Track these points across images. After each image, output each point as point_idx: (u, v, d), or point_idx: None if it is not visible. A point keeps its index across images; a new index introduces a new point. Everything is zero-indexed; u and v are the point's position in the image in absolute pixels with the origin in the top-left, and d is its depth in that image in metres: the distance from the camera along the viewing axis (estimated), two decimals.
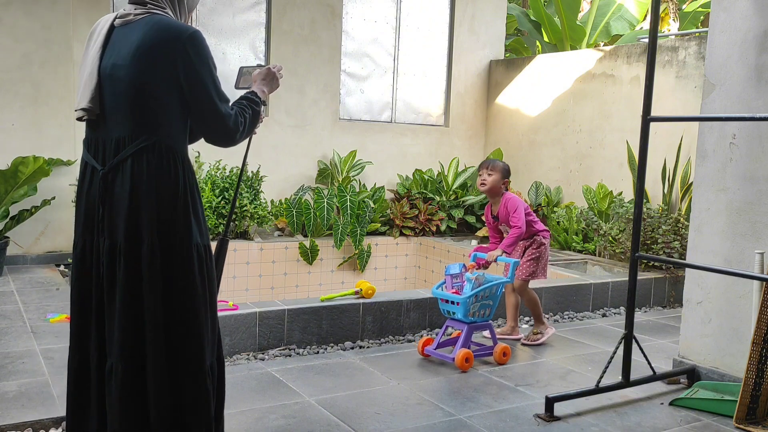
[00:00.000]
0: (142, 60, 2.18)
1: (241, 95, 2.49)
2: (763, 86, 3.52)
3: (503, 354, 4.08)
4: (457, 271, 4.14)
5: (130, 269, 2.20)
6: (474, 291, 3.98)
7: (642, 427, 3.23)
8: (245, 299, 6.29)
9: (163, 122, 2.22)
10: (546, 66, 8.29)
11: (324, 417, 3.17)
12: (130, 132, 2.21)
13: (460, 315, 3.99)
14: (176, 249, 2.23)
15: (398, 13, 8.44)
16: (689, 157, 6.41)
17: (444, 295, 4.07)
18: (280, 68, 2.62)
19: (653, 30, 3.45)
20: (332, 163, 7.83)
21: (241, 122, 2.34)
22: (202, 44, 2.23)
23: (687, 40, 6.79)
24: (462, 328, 4.02)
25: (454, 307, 4.01)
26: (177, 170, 2.25)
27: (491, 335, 4.18)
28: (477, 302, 4.01)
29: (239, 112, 2.36)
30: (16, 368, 3.55)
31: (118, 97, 2.21)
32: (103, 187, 2.23)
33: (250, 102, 2.46)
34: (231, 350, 4.03)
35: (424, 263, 7.73)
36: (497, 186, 4.37)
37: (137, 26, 2.24)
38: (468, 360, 3.91)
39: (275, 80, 2.60)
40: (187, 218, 2.26)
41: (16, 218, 5.93)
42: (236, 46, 7.41)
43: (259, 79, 2.58)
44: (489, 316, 4.13)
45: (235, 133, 2.32)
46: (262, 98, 2.52)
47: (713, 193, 3.75)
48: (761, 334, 3.27)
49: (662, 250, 5.91)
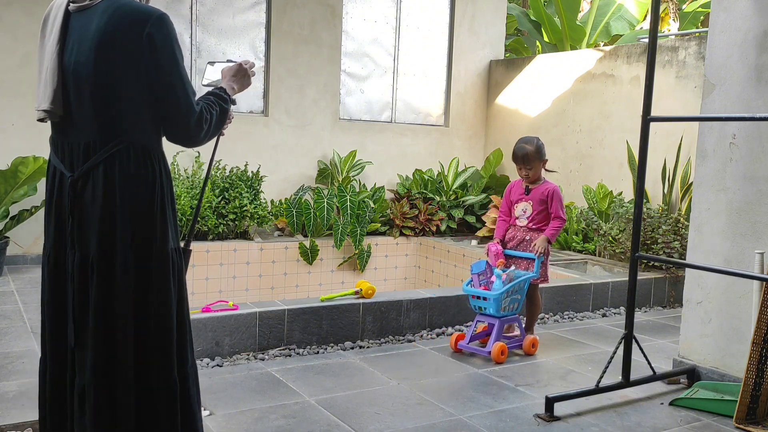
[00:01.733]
0: (105, 55, 2.00)
1: (208, 91, 2.30)
2: (763, 86, 3.52)
3: (532, 345, 4.27)
4: (482, 269, 4.28)
5: (103, 284, 2.05)
6: (506, 287, 4.13)
7: (642, 427, 3.23)
8: (245, 299, 6.29)
9: (135, 122, 2.06)
10: (546, 66, 8.29)
11: (324, 417, 3.17)
12: (99, 136, 2.04)
13: (493, 310, 4.14)
14: (153, 258, 2.09)
15: (398, 13, 8.44)
16: (689, 157, 6.41)
17: (476, 292, 4.18)
18: (252, 65, 2.43)
19: (653, 30, 3.45)
20: (332, 163, 7.83)
21: (207, 120, 2.15)
22: (169, 30, 2.04)
23: (687, 40, 6.79)
24: (493, 323, 4.17)
25: (485, 303, 4.16)
26: (154, 174, 2.10)
27: (520, 328, 4.35)
28: (508, 297, 4.17)
29: (206, 109, 2.17)
30: (16, 368, 3.55)
31: (84, 98, 2.04)
32: (73, 195, 2.06)
33: (218, 99, 2.26)
34: (231, 350, 4.03)
35: (424, 263, 7.73)
36: (539, 172, 4.39)
37: (95, 12, 2.04)
38: (503, 353, 4.08)
39: (246, 78, 2.41)
40: (164, 224, 2.12)
41: (16, 218, 5.93)
42: (236, 46, 7.41)
43: (229, 76, 2.38)
44: (517, 310, 4.28)
45: (199, 132, 2.13)
46: (232, 96, 2.33)
47: (713, 193, 3.75)
48: (761, 334, 3.27)
49: (662, 250, 5.90)
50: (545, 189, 4.36)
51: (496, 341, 4.12)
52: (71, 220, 2.08)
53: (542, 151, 4.35)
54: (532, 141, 4.35)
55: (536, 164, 4.33)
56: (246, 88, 2.44)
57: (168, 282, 2.13)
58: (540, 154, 4.33)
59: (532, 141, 4.34)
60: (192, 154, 7.02)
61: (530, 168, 4.33)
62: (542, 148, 4.36)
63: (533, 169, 4.33)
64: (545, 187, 4.38)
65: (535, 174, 4.36)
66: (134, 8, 2.03)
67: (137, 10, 2.03)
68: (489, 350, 4.10)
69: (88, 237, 2.06)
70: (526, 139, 4.38)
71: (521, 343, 4.30)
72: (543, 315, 5.25)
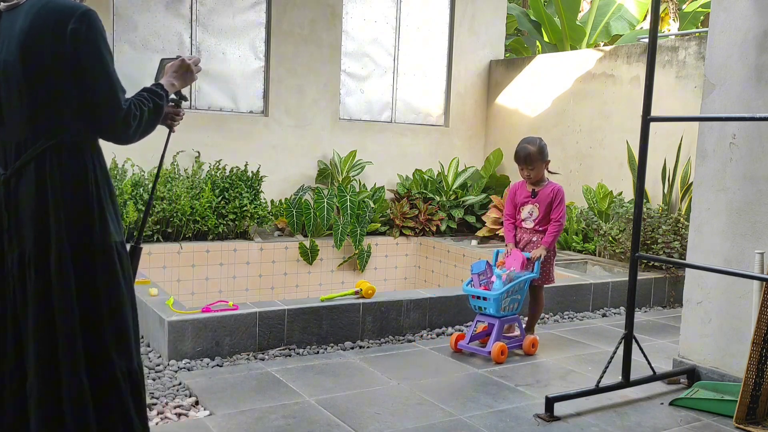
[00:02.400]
0: (31, 53, 1.99)
1: (143, 87, 2.25)
2: (763, 86, 3.52)
3: (532, 345, 4.28)
4: (482, 269, 4.28)
5: (41, 279, 2.05)
6: (506, 287, 4.13)
7: (642, 427, 3.23)
8: (245, 299, 6.28)
9: (65, 119, 2.05)
10: (546, 66, 8.29)
11: (324, 417, 3.17)
12: (30, 134, 2.05)
13: (493, 310, 4.14)
14: (95, 252, 2.09)
15: (398, 13, 8.44)
16: (689, 157, 6.41)
17: (476, 292, 4.19)
18: (196, 61, 2.40)
19: (653, 30, 3.45)
20: (332, 163, 7.83)
21: (136, 117, 2.10)
22: (95, 25, 2.02)
23: (687, 40, 6.79)
24: (493, 323, 4.18)
25: (485, 303, 4.16)
26: (86, 168, 2.09)
27: (519, 328, 4.36)
28: (508, 297, 4.17)
29: (135, 105, 2.11)
30: None
31: (13, 96, 2.04)
32: (6, 193, 2.08)
33: (152, 95, 2.20)
34: (231, 350, 4.03)
35: (424, 263, 7.73)
36: (541, 173, 4.38)
37: (23, 10, 2.03)
38: (503, 353, 4.08)
39: (189, 73, 2.37)
40: (103, 219, 2.11)
41: None
42: (236, 46, 7.41)
43: (171, 71, 2.34)
44: (517, 310, 4.29)
45: (127, 129, 2.08)
46: (170, 91, 2.29)
47: (713, 193, 3.75)
48: (761, 334, 3.27)
49: (662, 250, 5.90)
50: (551, 190, 4.37)
51: (496, 341, 4.13)
52: (7, 219, 2.09)
53: (545, 151, 4.35)
54: (534, 141, 4.33)
55: (538, 165, 4.32)
56: (189, 84, 2.40)
57: (116, 275, 2.14)
58: (542, 154, 4.32)
59: (535, 141, 4.33)
60: (192, 154, 7.03)
61: (532, 168, 4.32)
62: (545, 148, 4.36)
63: (535, 170, 4.32)
64: (551, 188, 4.38)
65: (538, 175, 4.35)
66: (59, 4, 2.02)
67: (62, 6, 2.02)
68: (489, 350, 4.11)
69: (24, 234, 2.07)
70: (529, 140, 4.37)
71: (521, 343, 4.30)
72: (543, 315, 5.25)
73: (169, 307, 4.06)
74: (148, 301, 4.21)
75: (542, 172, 4.37)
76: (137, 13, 6.85)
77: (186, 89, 2.53)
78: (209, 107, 7.31)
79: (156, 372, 3.70)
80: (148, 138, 2.25)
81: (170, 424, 3.07)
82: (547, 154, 4.37)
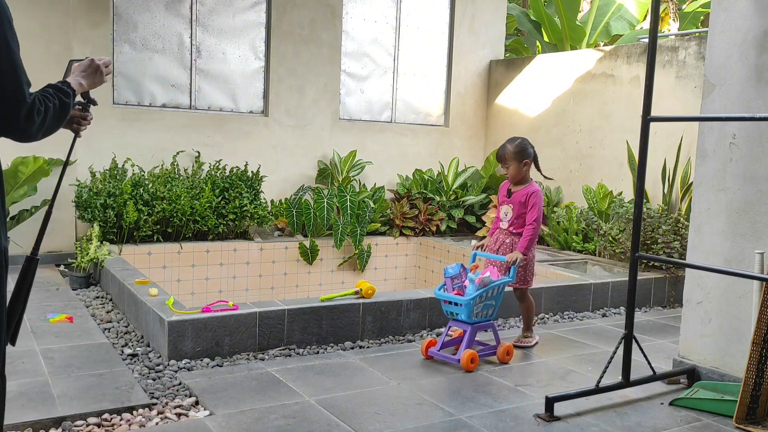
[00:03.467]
0: None
1: (48, 83, 2.11)
2: (763, 86, 3.52)
3: (506, 353, 4.09)
4: (457, 272, 4.12)
5: None
6: (478, 292, 3.95)
7: (642, 427, 3.23)
8: (245, 299, 6.29)
9: None
10: (546, 66, 8.29)
11: (324, 417, 3.17)
12: None
13: (464, 316, 3.97)
14: None
15: (398, 13, 8.44)
16: (689, 157, 6.41)
17: (448, 297, 4.03)
18: (107, 62, 2.28)
19: (653, 30, 3.45)
20: (332, 163, 7.83)
21: (40, 112, 1.94)
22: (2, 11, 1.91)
23: (687, 40, 6.79)
24: (465, 329, 4.00)
25: (457, 308, 3.99)
26: None
27: (494, 335, 4.18)
28: (480, 303, 3.99)
29: (41, 100, 1.96)
30: (16, 368, 3.55)
31: None
32: None
33: (57, 91, 2.05)
34: (231, 350, 4.03)
35: (424, 263, 7.73)
36: (519, 173, 4.30)
37: None
38: (473, 361, 3.90)
39: (99, 74, 2.25)
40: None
41: (16, 218, 5.93)
42: (236, 46, 7.41)
43: (78, 71, 2.22)
44: (492, 316, 4.11)
45: (31, 125, 1.93)
46: (77, 90, 2.16)
47: (713, 193, 3.75)
48: (761, 334, 3.27)
49: (662, 250, 5.90)
50: (526, 192, 4.28)
51: (466, 348, 3.93)
52: None
53: (524, 152, 4.27)
54: (515, 140, 4.31)
55: (514, 164, 4.26)
56: (97, 85, 2.27)
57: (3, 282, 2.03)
58: (519, 154, 4.25)
59: (515, 140, 4.31)
60: (192, 154, 7.02)
61: (507, 167, 4.28)
62: (526, 149, 4.29)
63: (511, 168, 4.27)
64: (527, 189, 4.29)
65: (514, 174, 4.29)
66: None
67: None
68: (459, 358, 3.92)
69: None
70: (511, 139, 4.37)
71: (495, 351, 4.11)
72: (543, 315, 5.26)
73: (169, 307, 4.07)
74: (148, 301, 4.22)
75: (520, 171, 4.28)
76: (137, 13, 6.85)
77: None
78: (209, 107, 7.31)
79: (156, 372, 3.70)
80: (149, 138, 2.22)
81: (170, 424, 3.07)
82: (528, 155, 4.28)
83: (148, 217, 6.18)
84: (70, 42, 6.27)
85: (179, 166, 6.85)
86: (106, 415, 3.09)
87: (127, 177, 6.45)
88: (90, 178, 6.34)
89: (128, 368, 3.70)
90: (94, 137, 6.46)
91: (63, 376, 3.50)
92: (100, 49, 6.51)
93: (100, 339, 4.16)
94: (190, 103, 7.17)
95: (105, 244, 5.67)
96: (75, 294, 5.27)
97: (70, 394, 3.26)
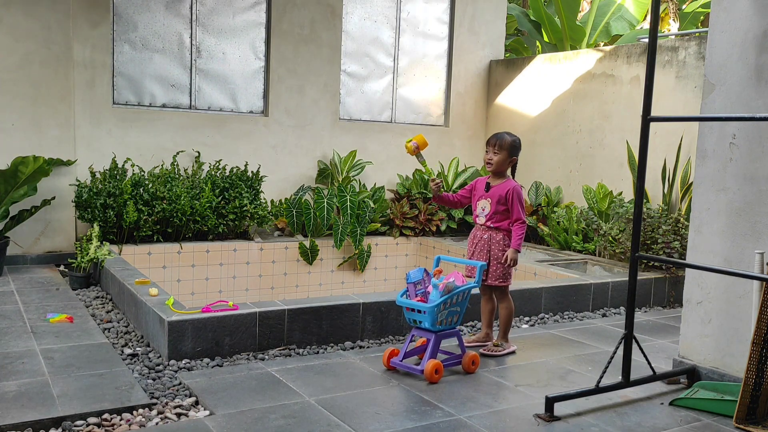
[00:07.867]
0: None
1: None
2: (763, 86, 3.52)
3: (472, 362, 3.88)
4: (419, 278, 3.93)
5: None
6: (442, 298, 3.77)
7: (642, 427, 3.23)
8: (245, 299, 6.29)
9: None
10: (546, 66, 8.29)
11: (324, 417, 3.17)
12: None
13: (428, 324, 3.78)
14: None
15: (398, 13, 8.44)
16: (689, 157, 6.41)
17: (410, 304, 3.83)
18: None
19: (653, 30, 3.45)
20: (332, 163, 7.83)
21: None
22: None
23: (687, 40, 6.79)
24: (429, 337, 3.82)
25: (420, 315, 3.80)
26: None
27: (459, 343, 3.98)
28: (445, 309, 3.81)
29: None
30: (16, 368, 3.55)
31: None
32: None
33: None
34: (231, 350, 4.03)
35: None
36: (503, 166, 4.24)
37: None
38: (438, 371, 3.70)
39: None
40: None
41: (16, 218, 5.93)
42: (236, 46, 7.41)
43: None
44: (457, 323, 3.93)
45: None
46: None
47: (713, 193, 3.75)
48: (761, 334, 3.27)
49: (662, 250, 5.90)
50: (506, 188, 4.21)
51: (430, 358, 3.72)
52: None
53: (517, 149, 4.26)
54: (513, 135, 4.31)
55: (504, 154, 4.20)
56: None
57: None
58: (513, 148, 4.23)
59: (513, 135, 4.30)
60: (192, 154, 7.02)
61: (497, 153, 4.20)
62: (518, 147, 4.28)
63: (498, 156, 4.19)
64: (506, 185, 4.22)
65: (499, 164, 4.22)
66: None
67: None
68: (422, 368, 3.72)
69: None
70: (510, 132, 4.35)
71: (460, 360, 3.91)
72: (543, 315, 5.26)
73: (169, 307, 4.07)
74: (148, 301, 4.22)
75: (504, 164, 4.23)
76: (137, 13, 6.85)
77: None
78: (209, 107, 7.31)
79: (156, 372, 3.70)
80: (149, 138, 2.22)
81: (170, 424, 3.07)
82: (516, 154, 4.27)
83: (148, 217, 6.18)
84: (70, 42, 6.27)
85: (179, 166, 6.85)
86: (106, 415, 3.09)
87: (127, 177, 6.45)
88: (90, 178, 6.34)
89: (128, 368, 3.70)
90: (94, 137, 6.47)
91: (63, 376, 3.50)
92: (100, 49, 6.52)
93: (100, 339, 4.16)
94: (190, 103, 7.17)
95: (105, 244, 5.68)
96: (75, 294, 5.27)
97: (70, 394, 3.26)
